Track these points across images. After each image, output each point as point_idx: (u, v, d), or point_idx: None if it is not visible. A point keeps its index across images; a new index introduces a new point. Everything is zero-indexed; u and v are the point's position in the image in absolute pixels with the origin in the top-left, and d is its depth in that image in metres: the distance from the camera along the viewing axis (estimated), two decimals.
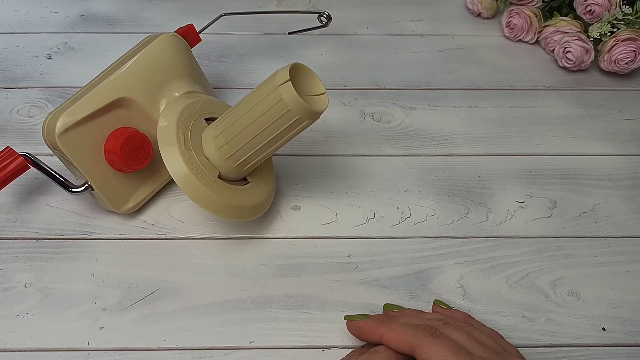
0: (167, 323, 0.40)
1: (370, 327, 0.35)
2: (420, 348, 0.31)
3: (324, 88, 0.38)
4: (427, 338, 0.31)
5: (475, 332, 0.34)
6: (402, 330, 0.33)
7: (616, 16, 0.59)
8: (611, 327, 0.40)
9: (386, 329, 0.33)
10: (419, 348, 0.31)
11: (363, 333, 0.36)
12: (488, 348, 0.32)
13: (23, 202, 0.46)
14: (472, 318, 0.38)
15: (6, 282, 0.41)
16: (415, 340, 0.32)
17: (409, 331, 0.32)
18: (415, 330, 0.32)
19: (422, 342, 0.31)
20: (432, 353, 0.30)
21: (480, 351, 0.31)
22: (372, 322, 0.35)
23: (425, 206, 0.47)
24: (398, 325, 0.33)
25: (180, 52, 0.45)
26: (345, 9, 0.68)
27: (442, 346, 0.31)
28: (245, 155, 0.39)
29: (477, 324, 0.36)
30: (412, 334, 0.32)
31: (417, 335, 0.32)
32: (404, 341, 0.32)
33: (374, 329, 0.34)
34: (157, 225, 0.45)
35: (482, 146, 0.53)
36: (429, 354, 0.31)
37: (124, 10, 0.67)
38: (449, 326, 0.33)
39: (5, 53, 0.60)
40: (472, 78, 0.60)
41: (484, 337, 0.34)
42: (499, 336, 0.35)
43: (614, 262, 0.44)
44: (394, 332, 0.33)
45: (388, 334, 0.33)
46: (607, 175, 0.50)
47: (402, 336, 0.32)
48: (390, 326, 0.33)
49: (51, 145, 0.41)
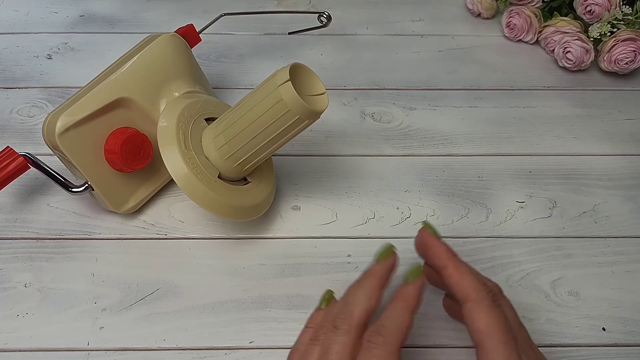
0: (167, 323, 0.40)
1: (440, 253, 0.33)
2: (475, 305, 0.30)
3: (324, 88, 0.38)
4: (487, 301, 0.30)
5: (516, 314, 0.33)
6: (468, 277, 0.31)
7: (616, 16, 0.59)
8: (611, 327, 0.40)
9: (453, 265, 0.32)
10: (473, 304, 0.30)
11: (429, 251, 0.34)
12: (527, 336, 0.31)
13: (23, 202, 0.46)
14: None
15: (6, 282, 0.41)
16: (474, 294, 0.30)
17: (474, 284, 0.31)
18: (480, 287, 0.31)
19: (481, 302, 0.30)
20: (483, 316, 0.29)
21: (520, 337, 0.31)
22: (445, 249, 0.33)
23: (425, 206, 0.47)
24: (467, 269, 0.32)
25: (180, 52, 0.45)
26: (345, 9, 0.68)
27: (497, 317, 0.29)
28: (246, 155, 0.39)
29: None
30: (476, 288, 0.31)
31: (480, 293, 0.30)
32: (463, 287, 0.31)
33: (443, 257, 0.33)
34: (157, 225, 0.45)
35: (482, 146, 0.53)
36: (480, 317, 0.30)
37: (124, 10, 0.67)
38: (505, 300, 0.33)
39: (5, 53, 0.60)
40: (472, 78, 0.60)
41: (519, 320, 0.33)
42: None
43: (614, 262, 0.44)
44: (459, 273, 0.32)
45: (452, 271, 0.32)
46: (607, 175, 0.50)
47: (465, 282, 0.31)
48: (458, 265, 0.32)
49: (51, 145, 0.41)
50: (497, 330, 0.29)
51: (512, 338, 0.29)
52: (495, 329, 0.29)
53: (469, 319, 0.30)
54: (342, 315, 0.30)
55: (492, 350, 0.29)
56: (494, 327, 0.29)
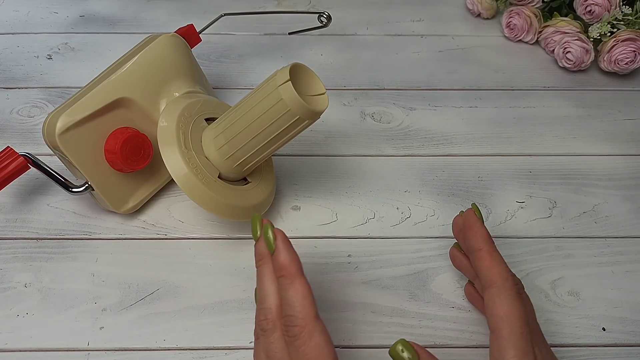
0: (167, 323, 0.40)
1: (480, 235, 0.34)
2: (499, 290, 0.31)
3: (324, 88, 0.38)
4: (511, 290, 0.31)
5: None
6: (499, 265, 0.32)
7: (616, 16, 0.59)
8: (611, 327, 0.40)
9: (488, 249, 0.33)
10: (498, 289, 0.31)
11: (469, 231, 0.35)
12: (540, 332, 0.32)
13: (23, 202, 0.46)
14: None
15: (6, 282, 0.41)
16: (501, 281, 0.31)
17: (504, 272, 0.32)
18: (508, 276, 0.32)
19: (505, 289, 0.31)
20: (505, 305, 0.30)
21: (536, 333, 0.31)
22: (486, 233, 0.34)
23: (425, 206, 0.47)
24: (499, 257, 0.33)
25: (181, 53, 0.45)
26: (345, 9, 0.68)
27: (518, 307, 0.30)
28: (246, 155, 0.39)
29: None
30: (504, 276, 0.31)
31: (506, 281, 0.31)
32: (492, 272, 0.32)
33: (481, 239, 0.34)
34: (157, 225, 0.45)
35: (482, 146, 0.53)
36: (502, 304, 0.30)
37: (124, 11, 0.67)
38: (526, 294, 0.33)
39: (5, 53, 0.60)
40: (472, 78, 0.60)
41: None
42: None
43: (613, 262, 0.44)
44: (492, 258, 0.32)
45: (486, 255, 0.33)
46: (607, 175, 0.50)
47: (496, 268, 0.32)
48: (493, 250, 0.33)
49: (51, 146, 0.41)
50: (517, 319, 0.30)
51: (528, 330, 0.30)
52: (514, 318, 0.30)
53: (490, 303, 0.31)
54: (262, 316, 0.31)
55: (507, 337, 0.29)
56: (514, 316, 0.30)
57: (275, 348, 0.29)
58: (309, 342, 0.28)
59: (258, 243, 0.32)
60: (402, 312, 0.41)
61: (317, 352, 0.28)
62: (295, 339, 0.29)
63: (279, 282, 0.31)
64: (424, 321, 0.40)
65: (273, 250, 0.31)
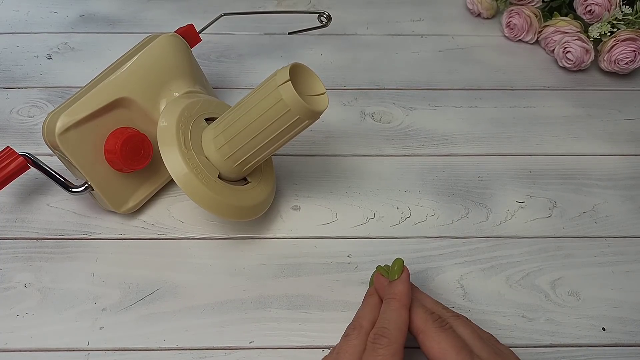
0: (167, 323, 0.40)
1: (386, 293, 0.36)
2: (425, 334, 0.32)
3: (324, 88, 0.38)
4: (435, 328, 0.32)
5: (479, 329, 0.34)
6: (416, 312, 0.34)
7: (616, 16, 0.59)
8: (611, 327, 0.40)
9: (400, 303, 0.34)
10: (423, 334, 0.32)
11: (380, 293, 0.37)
12: (488, 347, 0.32)
13: (23, 202, 0.46)
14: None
15: (6, 282, 0.41)
16: (423, 325, 0.33)
17: (422, 315, 0.33)
18: (427, 317, 0.33)
19: (429, 330, 0.32)
20: (434, 344, 0.31)
21: (481, 350, 0.31)
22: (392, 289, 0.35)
23: (425, 206, 0.47)
24: (415, 305, 0.34)
25: (180, 52, 0.45)
26: (345, 9, 0.68)
27: (447, 340, 0.31)
28: (245, 155, 0.39)
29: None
30: (423, 319, 0.33)
31: (427, 322, 0.33)
32: (413, 322, 0.33)
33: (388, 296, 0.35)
34: (157, 225, 0.45)
35: (482, 146, 0.53)
36: (431, 345, 0.31)
37: (124, 10, 0.67)
38: (458, 320, 0.34)
39: (5, 53, 0.60)
40: (472, 78, 0.60)
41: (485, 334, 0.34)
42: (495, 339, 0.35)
43: (614, 262, 0.44)
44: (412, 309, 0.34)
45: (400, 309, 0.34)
46: (607, 175, 0.50)
47: (413, 317, 0.34)
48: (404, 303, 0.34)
49: (51, 145, 0.41)
50: (449, 350, 0.31)
51: (466, 352, 0.30)
52: (447, 350, 0.31)
53: (424, 349, 0.32)
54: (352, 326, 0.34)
55: None
56: (445, 348, 0.31)
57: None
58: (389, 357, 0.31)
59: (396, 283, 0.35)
60: None
61: None
62: (379, 347, 0.31)
63: (387, 302, 0.34)
64: None
65: (395, 278, 0.35)
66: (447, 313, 0.34)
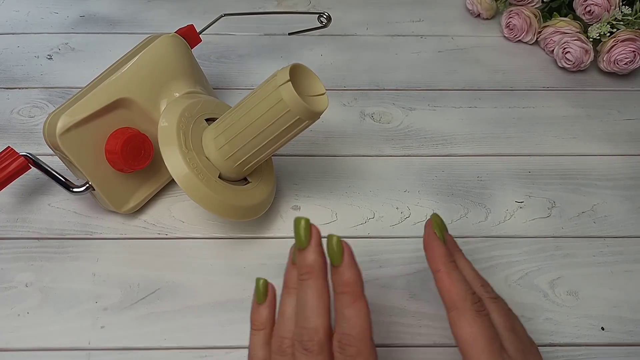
0: (167, 322, 0.40)
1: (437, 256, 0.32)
2: (459, 313, 0.30)
3: (323, 88, 0.38)
4: (472, 310, 0.30)
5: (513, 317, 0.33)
6: (457, 285, 0.31)
7: (615, 17, 0.59)
8: (610, 327, 0.41)
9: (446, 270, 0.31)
10: (458, 312, 0.30)
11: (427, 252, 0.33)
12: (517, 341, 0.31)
13: (24, 202, 0.46)
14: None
15: (7, 282, 0.42)
16: (460, 303, 0.30)
17: (462, 292, 0.31)
18: (467, 296, 0.30)
19: (466, 311, 0.30)
20: (466, 326, 0.29)
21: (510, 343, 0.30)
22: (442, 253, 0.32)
23: (424, 206, 0.48)
24: (458, 277, 0.31)
25: (181, 53, 0.45)
26: (345, 10, 0.68)
27: (480, 326, 0.29)
28: (246, 156, 0.39)
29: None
30: (462, 297, 0.30)
31: (465, 302, 0.30)
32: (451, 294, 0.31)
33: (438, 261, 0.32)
34: (158, 225, 0.45)
35: (481, 146, 0.53)
36: (463, 326, 0.30)
37: (124, 11, 0.67)
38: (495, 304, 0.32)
39: (5, 53, 0.60)
40: (471, 78, 0.60)
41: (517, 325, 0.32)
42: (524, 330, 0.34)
43: (612, 261, 0.44)
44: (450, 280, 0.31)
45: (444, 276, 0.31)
46: (606, 175, 0.51)
47: (454, 289, 0.31)
48: (451, 271, 0.31)
49: (52, 146, 0.41)
50: (480, 339, 0.29)
51: (496, 347, 0.29)
52: (478, 338, 0.29)
53: (453, 328, 0.30)
54: (307, 336, 0.29)
55: (475, 359, 0.29)
56: (477, 336, 0.29)
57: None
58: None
59: (306, 253, 0.30)
60: (401, 312, 0.41)
61: None
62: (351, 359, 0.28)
63: (340, 298, 0.29)
64: (424, 321, 0.40)
65: (339, 263, 0.29)
66: (485, 293, 0.32)
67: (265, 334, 0.32)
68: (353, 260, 0.30)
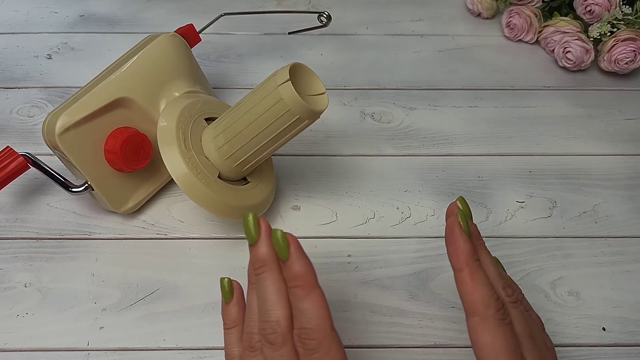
0: (167, 323, 0.40)
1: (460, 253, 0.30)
2: (481, 320, 0.29)
3: (324, 88, 0.38)
4: (494, 319, 0.29)
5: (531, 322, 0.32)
6: (481, 289, 0.29)
7: (616, 16, 0.59)
8: (611, 327, 0.40)
9: (469, 271, 0.30)
10: (480, 319, 0.29)
11: (449, 246, 0.31)
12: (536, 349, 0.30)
13: (23, 202, 0.46)
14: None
15: (6, 282, 0.41)
16: (482, 309, 0.29)
17: (485, 297, 0.29)
18: (490, 303, 0.29)
19: (489, 319, 0.29)
20: (487, 335, 0.28)
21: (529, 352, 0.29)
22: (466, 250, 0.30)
23: (425, 206, 0.47)
24: (482, 279, 0.29)
25: (180, 52, 0.45)
26: (345, 9, 0.68)
27: (502, 336, 0.28)
28: (245, 155, 0.39)
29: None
30: (485, 303, 0.29)
31: (488, 309, 0.29)
32: (474, 299, 0.29)
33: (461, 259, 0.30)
34: (157, 225, 0.45)
35: (482, 146, 0.53)
36: (484, 334, 0.28)
37: (124, 10, 0.67)
38: (516, 310, 0.30)
39: (5, 53, 0.60)
40: (472, 78, 0.60)
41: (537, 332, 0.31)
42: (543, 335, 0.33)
43: (614, 262, 0.44)
44: (473, 282, 0.29)
45: (467, 278, 0.29)
46: (607, 175, 0.50)
47: (477, 293, 0.29)
48: (474, 272, 0.30)
49: (51, 145, 0.41)
50: (501, 352, 0.28)
51: (516, 358, 0.28)
52: (500, 350, 0.28)
53: (473, 334, 0.29)
54: (270, 329, 0.28)
55: None
56: (499, 348, 0.28)
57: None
58: (326, 355, 0.27)
59: (257, 247, 0.29)
60: (402, 312, 0.41)
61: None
62: (312, 352, 0.27)
63: (292, 292, 0.28)
64: (424, 321, 0.40)
65: (286, 258, 0.28)
66: (506, 297, 0.30)
67: (237, 331, 0.32)
68: (300, 252, 0.29)
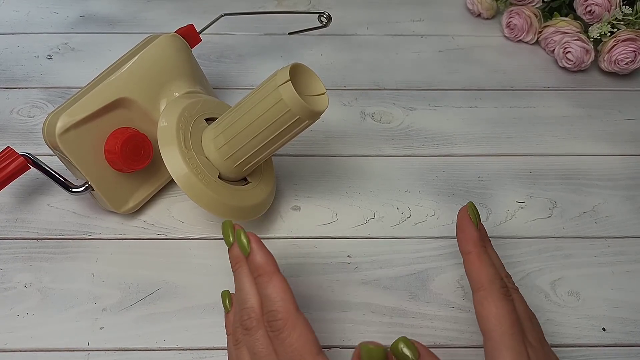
0: (167, 323, 0.40)
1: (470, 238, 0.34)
2: (486, 293, 0.31)
3: (324, 88, 0.38)
4: (499, 293, 0.31)
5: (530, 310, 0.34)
6: (486, 268, 0.32)
7: (616, 16, 0.59)
8: (611, 327, 0.40)
9: (477, 253, 0.33)
10: (485, 292, 0.31)
11: (459, 233, 0.34)
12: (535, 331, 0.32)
13: (23, 202, 0.46)
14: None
15: (6, 282, 0.41)
16: (488, 284, 0.31)
17: (490, 275, 0.32)
18: (495, 279, 0.32)
19: (494, 292, 0.31)
20: (492, 307, 0.30)
21: (530, 332, 0.31)
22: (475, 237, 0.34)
23: (425, 206, 0.47)
24: (487, 261, 0.33)
25: (181, 53, 0.45)
26: (345, 9, 0.68)
27: (506, 309, 0.30)
28: (246, 156, 0.39)
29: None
30: (491, 279, 0.32)
31: (494, 284, 0.31)
32: (480, 276, 0.32)
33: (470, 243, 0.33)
34: (157, 225, 0.45)
35: (482, 146, 0.53)
36: (489, 306, 0.31)
37: (124, 11, 0.67)
38: (517, 294, 0.33)
39: (5, 53, 0.60)
40: (472, 78, 0.60)
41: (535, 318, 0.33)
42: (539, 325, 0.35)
43: (614, 262, 0.44)
44: (480, 262, 0.32)
45: (474, 259, 0.33)
46: (607, 175, 0.50)
47: (483, 272, 0.32)
48: (481, 254, 0.33)
49: (51, 146, 0.41)
50: (505, 321, 0.30)
51: (519, 330, 0.30)
52: (503, 319, 0.30)
53: (479, 307, 0.31)
54: (246, 315, 0.31)
55: (499, 339, 0.30)
56: (502, 317, 0.30)
57: (261, 345, 0.30)
58: (293, 333, 0.29)
59: (232, 248, 0.34)
60: (402, 312, 0.41)
61: (303, 342, 0.29)
62: (279, 332, 0.29)
63: (257, 281, 0.31)
64: (424, 321, 0.40)
65: (248, 253, 0.32)
66: (508, 283, 0.33)
67: None
68: (259, 245, 0.32)
